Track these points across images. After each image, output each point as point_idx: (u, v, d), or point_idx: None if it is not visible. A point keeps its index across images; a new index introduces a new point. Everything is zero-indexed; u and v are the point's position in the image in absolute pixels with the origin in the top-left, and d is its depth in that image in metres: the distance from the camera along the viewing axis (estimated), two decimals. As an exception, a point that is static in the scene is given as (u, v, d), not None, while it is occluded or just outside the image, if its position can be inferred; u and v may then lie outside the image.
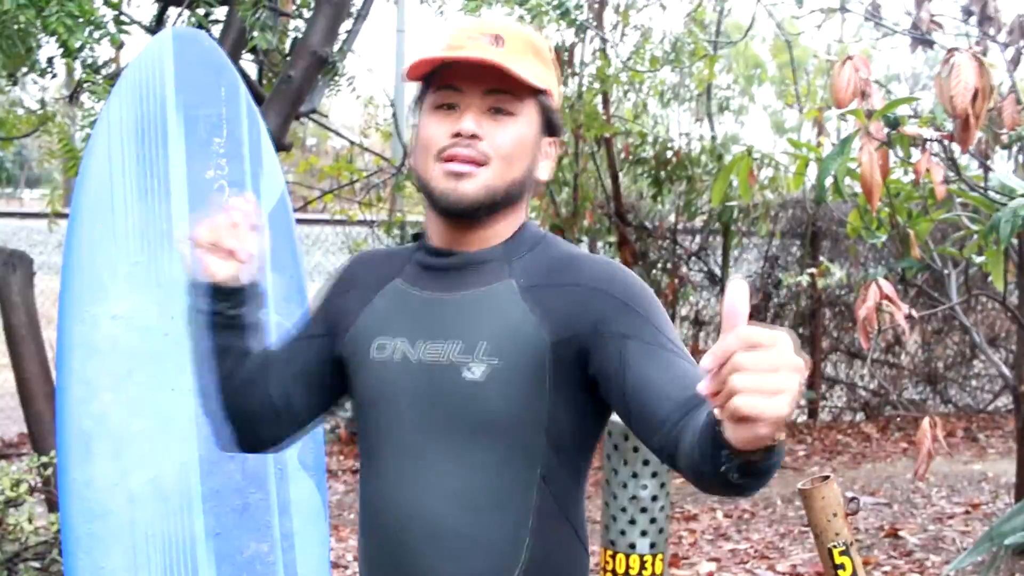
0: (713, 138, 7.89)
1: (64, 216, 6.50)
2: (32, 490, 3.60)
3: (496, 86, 1.52)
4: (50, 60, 3.74)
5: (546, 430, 1.49)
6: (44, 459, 3.55)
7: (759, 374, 1.05)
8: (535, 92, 1.55)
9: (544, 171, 1.61)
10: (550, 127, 1.60)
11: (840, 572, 2.59)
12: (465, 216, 1.55)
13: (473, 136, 1.51)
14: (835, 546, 2.57)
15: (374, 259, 1.70)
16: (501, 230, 1.58)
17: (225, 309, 1.59)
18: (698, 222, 8.08)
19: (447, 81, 1.54)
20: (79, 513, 2.05)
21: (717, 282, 8.17)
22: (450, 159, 1.51)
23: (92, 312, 2.12)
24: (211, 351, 1.63)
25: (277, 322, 2.20)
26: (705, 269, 8.27)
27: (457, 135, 1.51)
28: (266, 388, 1.64)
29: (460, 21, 1.65)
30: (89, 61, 3.61)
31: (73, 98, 4.33)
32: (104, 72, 3.83)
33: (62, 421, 2.09)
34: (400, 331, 1.56)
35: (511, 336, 1.49)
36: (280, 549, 2.13)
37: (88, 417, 2.09)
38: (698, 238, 8.25)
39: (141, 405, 2.12)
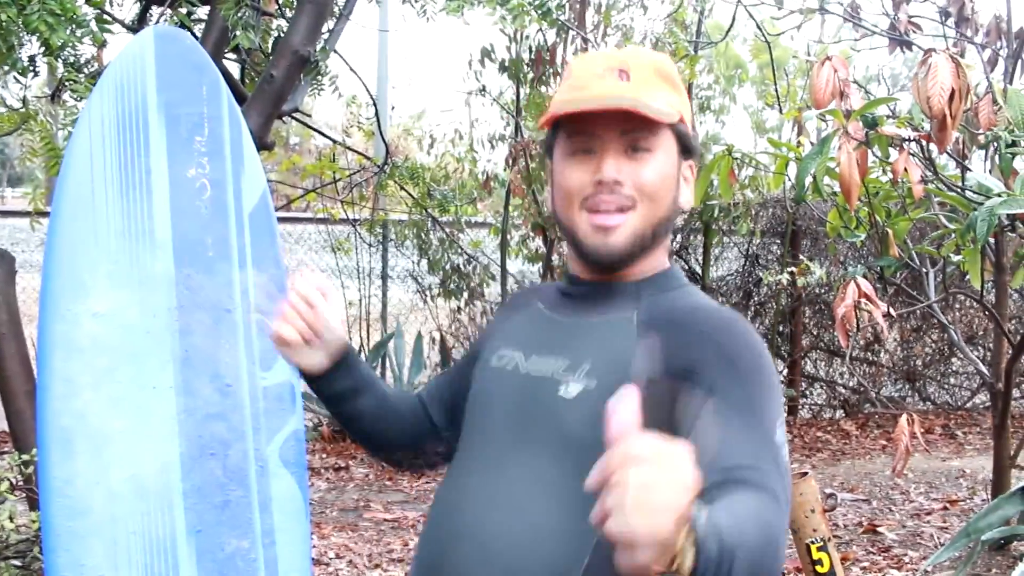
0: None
1: (46, 214, 6.47)
2: (13, 488, 3.59)
3: (631, 126, 1.48)
4: (32, 59, 3.73)
5: None
6: (25, 457, 3.55)
7: (636, 491, 0.99)
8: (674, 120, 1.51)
9: (686, 198, 1.58)
10: (687, 151, 1.57)
11: (818, 568, 2.62)
12: (614, 267, 1.54)
13: (616, 183, 1.48)
14: (813, 542, 2.60)
15: (536, 288, 1.74)
16: (643, 266, 1.56)
17: (326, 388, 1.75)
18: (679, 220, 8.11)
19: (580, 126, 1.51)
20: (59, 510, 2.05)
21: (698, 280, 8.21)
22: (595, 209, 1.49)
23: (73, 310, 2.10)
24: (340, 418, 1.80)
25: (257, 319, 2.21)
26: (686, 268, 8.31)
27: (600, 183, 1.48)
28: (417, 421, 1.76)
29: (584, 57, 1.61)
30: (71, 60, 3.61)
31: (55, 97, 4.32)
32: (86, 71, 3.83)
33: (42, 419, 2.08)
34: (520, 344, 1.59)
35: (613, 362, 1.46)
36: (261, 546, 2.14)
37: (69, 415, 2.07)
38: (679, 237, 8.28)
39: (122, 403, 2.10)
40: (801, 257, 7.74)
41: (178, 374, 2.14)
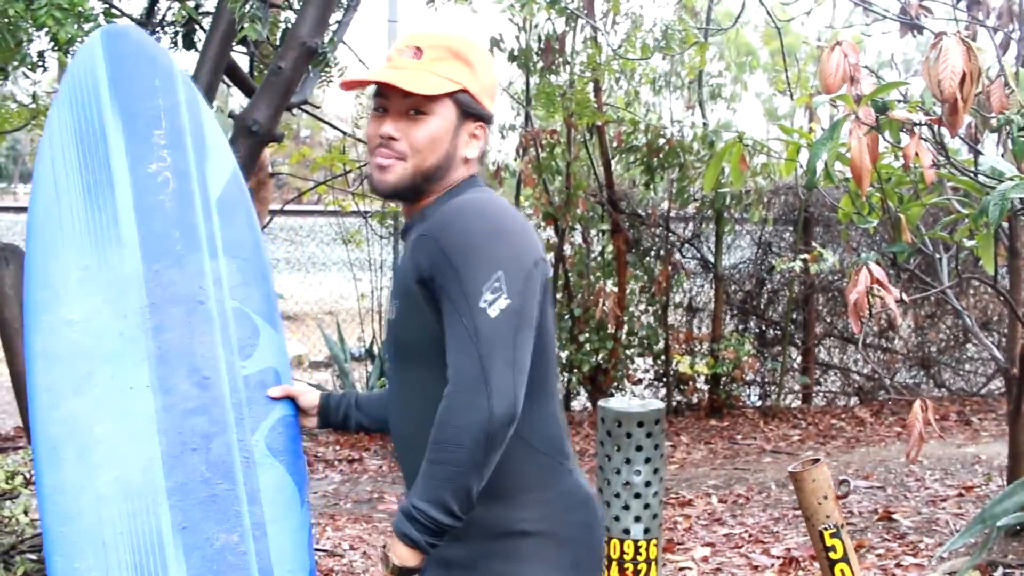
0: (705, 125, 7.91)
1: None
2: (27, 482, 3.60)
3: (410, 94, 1.87)
4: (41, 54, 3.73)
5: (443, 351, 1.78)
6: (40, 452, 3.55)
7: None
8: (449, 91, 1.87)
9: (472, 149, 1.93)
10: (471, 114, 1.92)
11: (831, 554, 2.61)
12: (392, 198, 1.96)
13: (391, 138, 1.88)
14: (826, 528, 2.59)
15: None
16: (434, 196, 1.92)
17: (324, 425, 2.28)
18: (691, 209, 8.09)
19: (378, 90, 1.92)
20: (52, 517, 2.09)
21: (710, 269, 8.19)
22: (378, 155, 1.90)
23: (48, 320, 2.13)
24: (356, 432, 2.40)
25: (235, 307, 2.20)
26: (698, 256, 8.29)
27: (382, 137, 1.89)
28: None
29: (404, 36, 2.01)
30: (79, 54, 3.61)
31: (64, 91, 4.32)
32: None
33: (33, 430, 2.11)
34: None
35: (403, 281, 1.86)
36: (251, 538, 2.14)
37: (54, 423, 2.10)
38: (691, 225, 8.27)
39: (103, 406, 2.12)
40: (814, 244, 7.71)
41: (153, 372, 2.14)
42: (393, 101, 1.89)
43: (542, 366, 1.83)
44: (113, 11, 3.62)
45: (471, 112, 1.91)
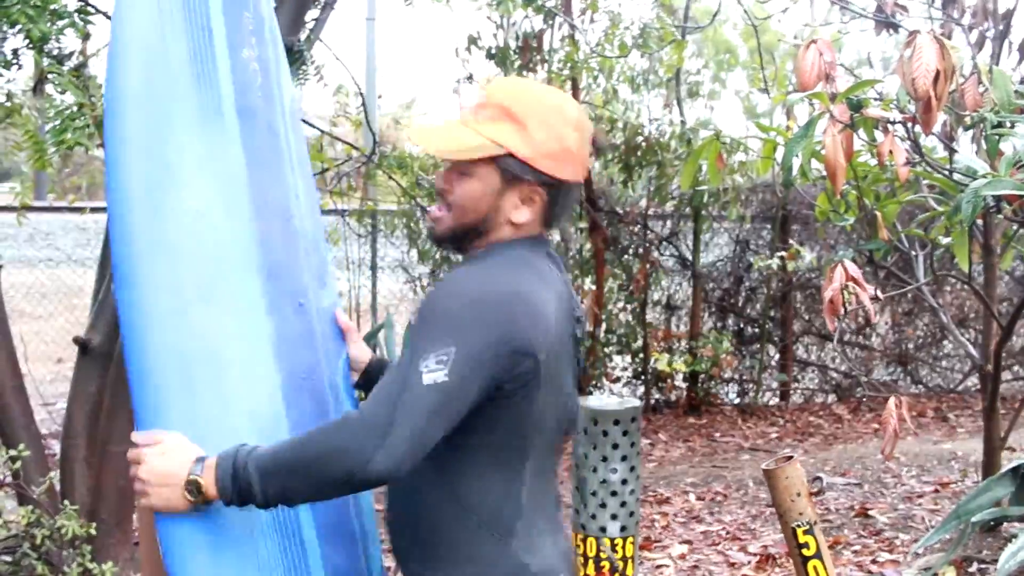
0: (683, 123, 7.92)
1: (33, 209, 6.43)
2: (1, 484, 3.58)
3: None
4: (15, 52, 3.70)
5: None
6: (13, 453, 3.53)
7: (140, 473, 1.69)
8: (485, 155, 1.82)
9: (521, 215, 1.85)
10: (518, 178, 1.82)
11: (804, 551, 2.61)
12: (439, 246, 2.02)
13: (442, 189, 1.87)
14: (799, 525, 2.60)
15: None
16: (476, 254, 1.88)
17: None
18: (669, 207, 8.11)
19: None
20: None
21: (688, 267, 8.21)
22: (436, 203, 1.90)
23: (171, 204, 1.79)
24: None
25: (310, 229, 2.00)
26: (676, 254, 8.30)
27: (437, 186, 1.89)
28: None
29: (492, 84, 1.95)
30: (55, 52, 3.58)
31: (37, 89, 4.29)
32: (70, 63, 3.79)
33: (150, 342, 1.74)
34: None
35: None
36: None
37: (186, 335, 1.76)
38: (669, 223, 8.28)
39: (228, 322, 1.81)
40: (791, 242, 7.74)
41: (265, 290, 1.87)
42: None
43: (512, 442, 1.78)
44: (88, 8, 3.60)
45: (520, 176, 1.82)
